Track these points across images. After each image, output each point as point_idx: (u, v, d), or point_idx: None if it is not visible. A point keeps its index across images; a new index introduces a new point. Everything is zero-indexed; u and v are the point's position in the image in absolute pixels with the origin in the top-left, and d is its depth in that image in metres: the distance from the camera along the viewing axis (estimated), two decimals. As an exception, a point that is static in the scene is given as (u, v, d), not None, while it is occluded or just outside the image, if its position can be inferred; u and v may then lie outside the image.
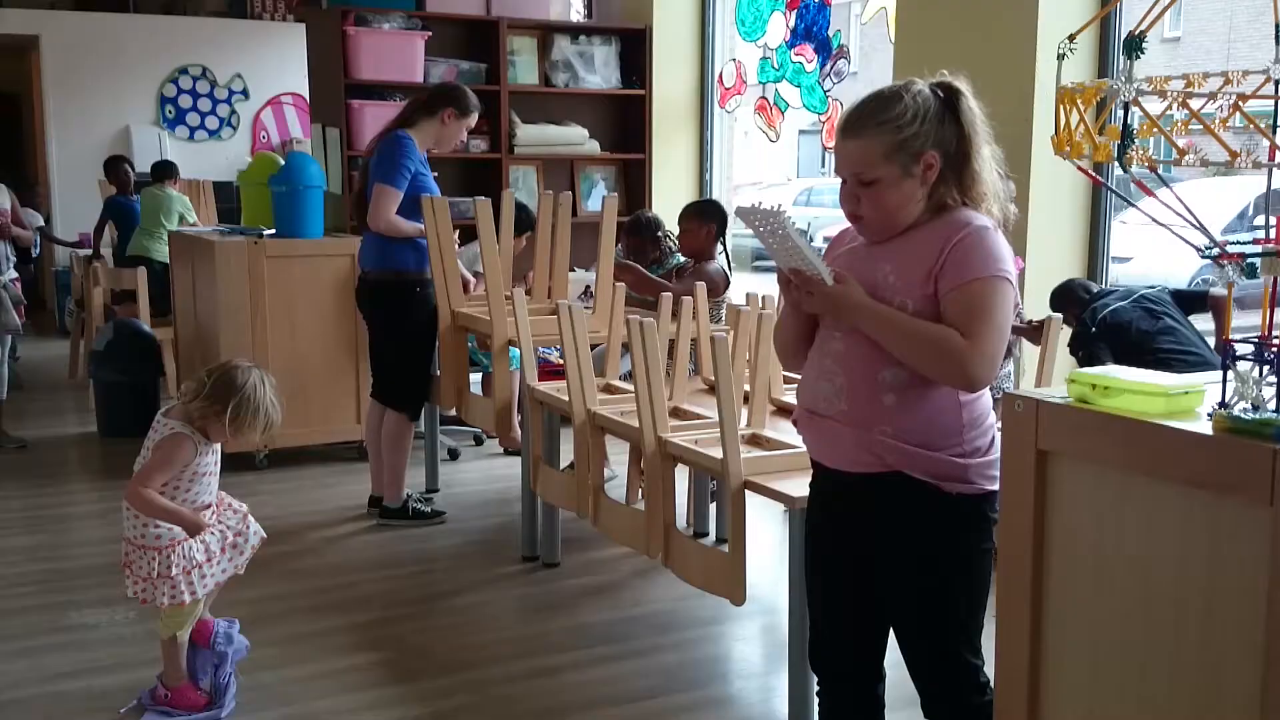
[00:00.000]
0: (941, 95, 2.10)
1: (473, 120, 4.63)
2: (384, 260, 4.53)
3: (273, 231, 5.43)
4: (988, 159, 2.13)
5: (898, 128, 2.05)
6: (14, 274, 6.01)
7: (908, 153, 2.05)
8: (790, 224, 2.03)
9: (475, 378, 4.97)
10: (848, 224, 2.25)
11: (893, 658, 2.32)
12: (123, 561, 3.02)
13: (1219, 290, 4.20)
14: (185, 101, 10.16)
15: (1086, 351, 4.07)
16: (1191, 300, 4.18)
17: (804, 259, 2.07)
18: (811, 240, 2.10)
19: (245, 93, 10.31)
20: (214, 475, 3.09)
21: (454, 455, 5.71)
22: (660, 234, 5.21)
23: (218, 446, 3.08)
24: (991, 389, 2.18)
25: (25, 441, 5.91)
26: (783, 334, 2.33)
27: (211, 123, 10.30)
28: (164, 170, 8.04)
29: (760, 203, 2.05)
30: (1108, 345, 3.99)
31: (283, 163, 5.63)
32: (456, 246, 4.57)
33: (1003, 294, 2.05)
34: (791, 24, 6.13)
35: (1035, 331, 4.15)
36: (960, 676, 2.23)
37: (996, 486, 2.09)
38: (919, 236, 2.10)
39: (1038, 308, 4.36)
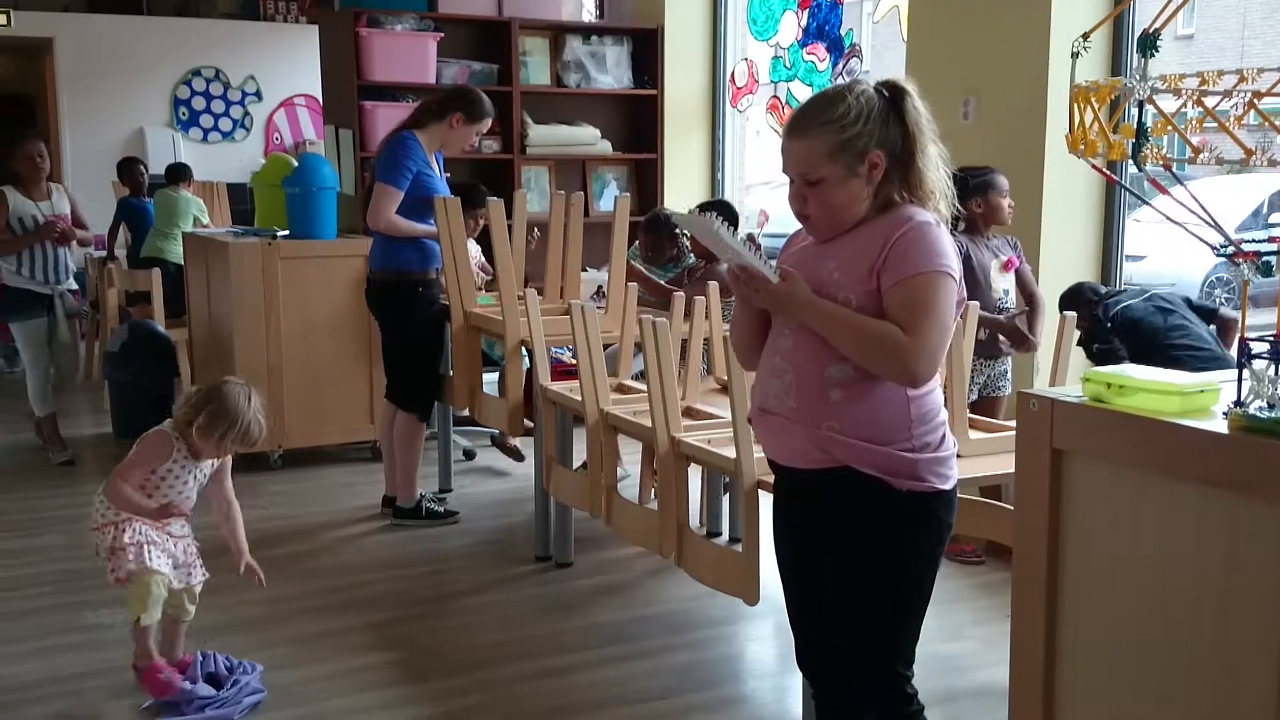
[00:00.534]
0: (886, 95, 2.11)
1: (483, 126, 4.61)
2: (387, 260, 4.55)
3: (286, 233, 5.45)
4: (933, 157, 2.15)
5: (841, 127, 2.06)
6: (73, 284, 5.75)
7: (851, 152, 2.07)
8: (722, 228, 2.06)
9: (490, 378, 4.96)
10: (796, 232, 2.29)
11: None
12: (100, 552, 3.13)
13: (1228, 311, 4.20)
14: (199, 103, 10.19)
15: (1101, 346, 4.06)
16: (1200, 314, 4.17)
17: (745, 259, 2.11)
18: (750, 243, 2.16)
19: (258, 94, 10.34)
20: (188, 487, 3.17)
21: (469, 456, 5.72)
22: (678, 231, 5.21)
23: (206, 467, 3.18)
24: (974, 387, 2.20)
25: (72, 458, 5.66)
26: (737, 331, 2.35)
27: (225, 124, 10.32)
28: (177, 172, 8.06)
29: (694, 211, 2.08)
30: (1122, 340, 3.98)
31: (296, 164, 5.64)
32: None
33: (944, 288, 2.06)
34: (804, 23, 6.13)
35: (1017, 332, 4.15)
36: (889, 682, 2.24)
37: (949, 486, 2.17)
38: (863, 233, 2.12)
39: (1052, 306, 4.35)
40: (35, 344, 5.52)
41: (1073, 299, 4.23)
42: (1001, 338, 4.18)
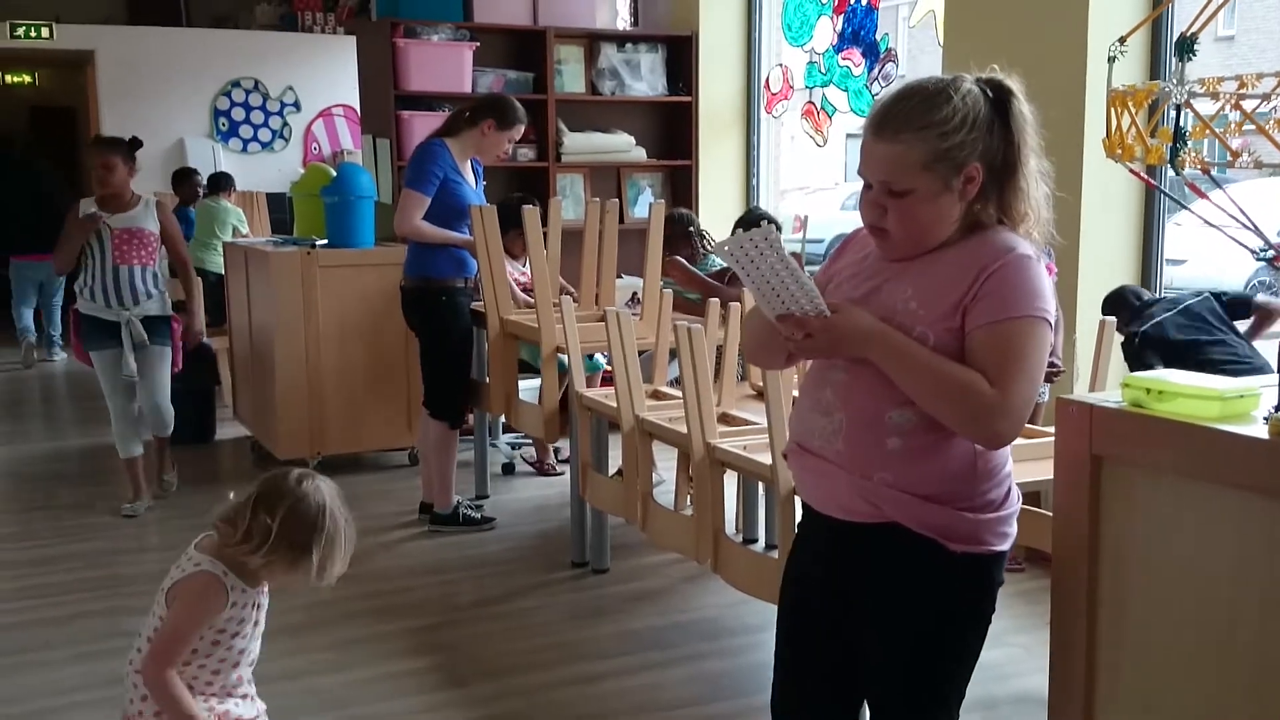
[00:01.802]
0: (990, 96, 1.82)
1: (516, 133, 4.62)
2: (414, 267, 4.60)
3: (325, 242, 5.49)
4: (1034, 173, 1.86)
5: (943, 134, 1.76)
6: (155, 307, 4.89)
7: (950, 163, 1.77)
8: (781, 246, 1.73)
9: (526, 384, 4.98)
10: (852, 236, 2.01)
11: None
12: None
13: (1264, 297, 4.15)
14: (238, 114, 10.31)
15: (1135, 366, 4.04)
16: (1235, 305, 4.13)
17: (796, 290, 1.76)
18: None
19: (297, 105, 10.44)
20: (254, 630, 2.28)
21: (508, 470, 5.65)
22: (692, 229, 5.19)
23: (264, 593, 2.28)
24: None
25: (135, 513, 4.95)
26: (752, 327, 2.02)
27: (264, 135, 10.43)
28: (218, 182, 8.16)
29: (746, 233, 1.73)
30: (1157, 357, 3.96)
31: (334, 174, 5.70)
32: None
33: (1041, 338, 1.78)
34: (839, 28, 6.11)
35: (1053, 368, 4.15)
36: None
37: (1007, 546, 1.90)
38: (948, 258, 1.82)
39: (1090, 312, 4.32)
40: (107, 377, 4.91)
41: (1114, 303, 4.20)
42: None
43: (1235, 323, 4.13)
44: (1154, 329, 4.04)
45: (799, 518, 2.10)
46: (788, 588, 2.10)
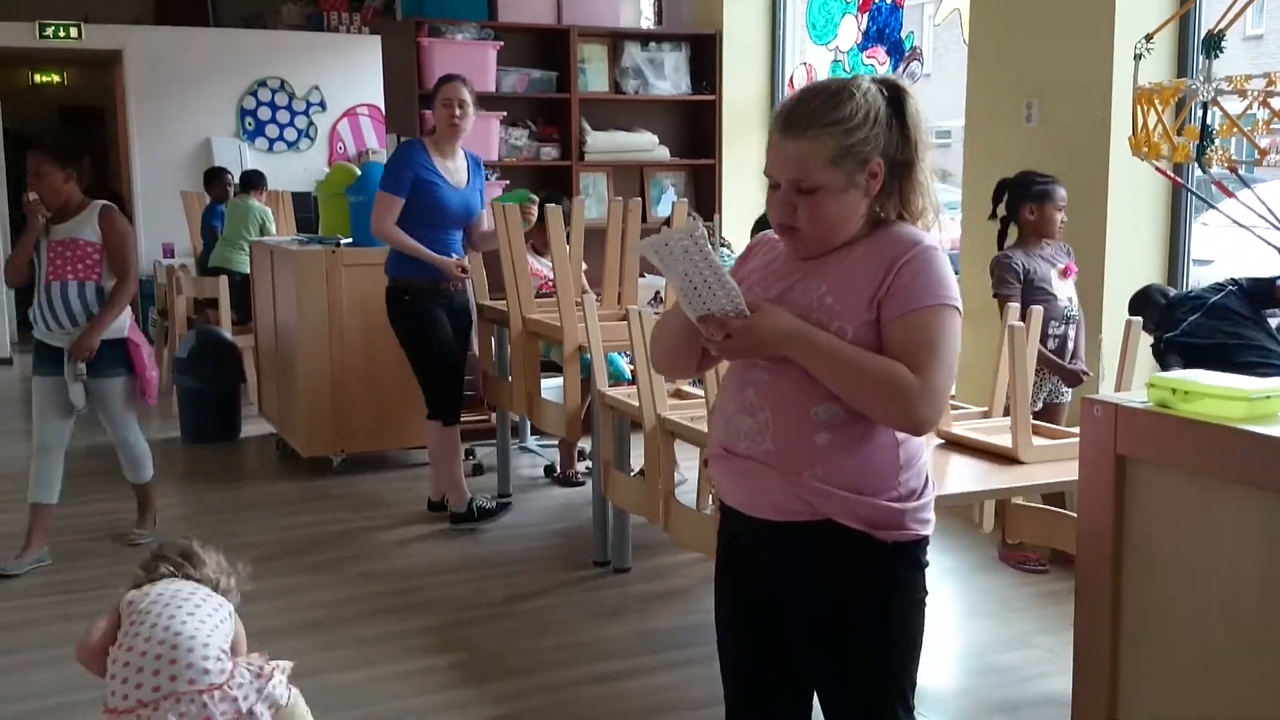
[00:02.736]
0: (887, 95, 1.88)
1: (445, 94, 4.51)
2: (388, 267, 4.65)
3: (350, 241, 5.52)
4: (929, 169, 1.93)
5: (847, 130, 1.82)
6: (114, 331, 4.29)
7: (855, 159, 1.83)
8: (703, 244, 1.75)
9: (548, 384, 4.98)
10: (758, 240, 2.07)
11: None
12: None
13: None
14: (264, 113, 10.35)
15: (1165, 369, 4.00)
16: (1257, 294, 4.02)
17: (718, 289, 1.79)
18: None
19: (322, 104, 10.48)
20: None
21: (550, 472, 5.54)
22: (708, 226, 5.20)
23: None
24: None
25: (11, 574, 4.25)
26: (664, 336, 2.06)
27: (290, 134, 10.48)
28: (249, 180, 8.20)
29: (669, 232, 1.78)
30: (1184, 363, 3.91)
31: (359, 173, 5.72)
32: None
33: (953, 325, 1.84)
34: (863, 26, 6.09)
35: (1075, 377, 4.11)
36: None
37: (930, 531, 1.95)
38: (857, 254, 1.88)
39: (1115, 312, 4.29)
40: (39, 405, 4.31)
41: (1141, 303, 4.16)
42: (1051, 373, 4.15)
43: (1266, 312, 4.03)
44: (1180, 336, 3.98)
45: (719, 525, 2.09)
46: (720, 599, 2.11)
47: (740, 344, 1.83)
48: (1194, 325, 3.99)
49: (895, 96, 1.87)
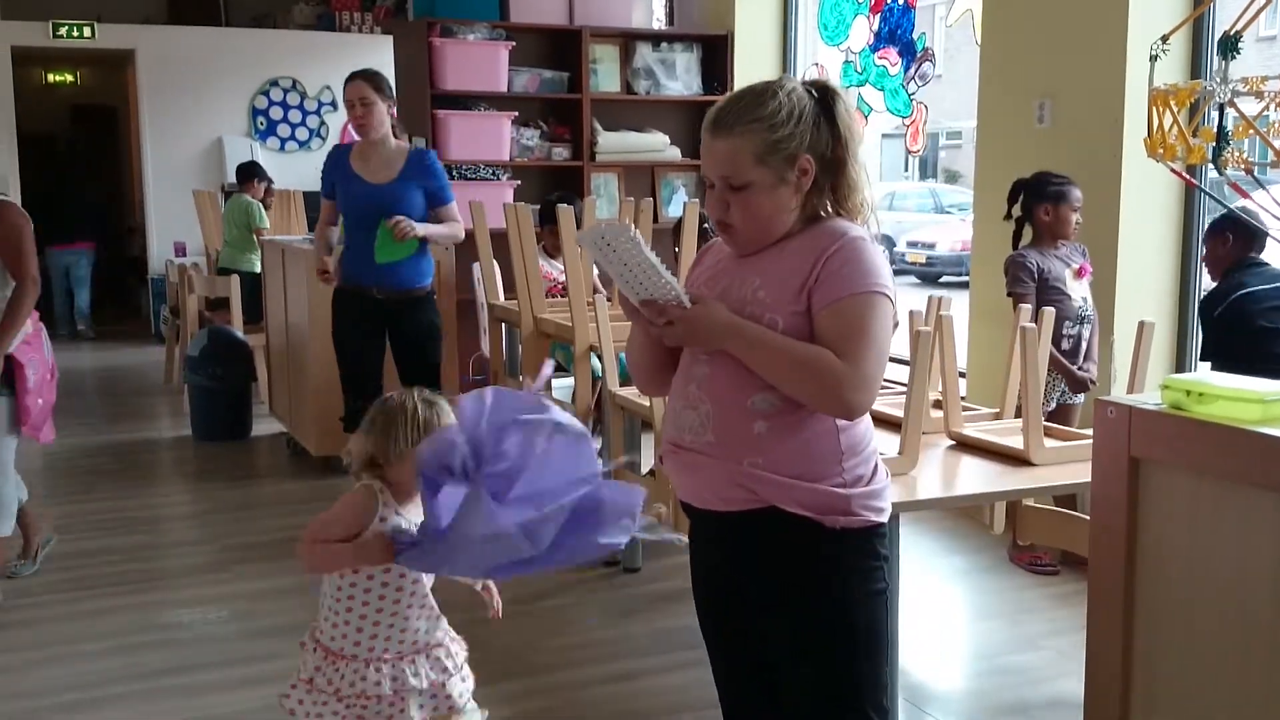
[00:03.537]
0: (815, 95, 1.93)
1: (346, 93, 4.45)
2: None
3: (360, 239, 5.51)
4: (864, 168, 1.98)
5: (771, 126, 1.88)
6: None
7: (782, 155, 1.88)
8: (638, 241, 1.82)
9: (559, 384, 4.98)
10: (708, 245, 2.12)
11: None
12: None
13: None
14: (276, 113, 10.38)
15: (1205, 321, 3.98)
16: None
17: (657, 280, 1.86)
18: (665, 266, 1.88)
19: (334, 104, 10.50)
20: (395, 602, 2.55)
21: None
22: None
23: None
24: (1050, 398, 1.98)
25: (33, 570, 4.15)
26: (634, 352, 2.10)
27: (301, 134, 10.51)
28: (243, 173, 8.16)
29: (603, 224, 1.84)
30: (1225, 329, 3.86)
31: (370, 172, 5.71)
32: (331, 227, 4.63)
33: (882, 311, 1.87)
34: (875, 27, 6.08)
35: (1082, 384, 4.08)
36: None
37: (884, 519, 1.97)
38: (790, 248, 1.93)
39: (1128, 313, 4.27)
40: None
41: (1228, 221, 3.96)
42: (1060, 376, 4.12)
43: None
44: (1245, 297, 3.83)
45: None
46: (695, 593, 2.16)
47: (679, 331, 1.90)
48: (1262, 294, 3.84)
49: (824, 97, 1.93)
